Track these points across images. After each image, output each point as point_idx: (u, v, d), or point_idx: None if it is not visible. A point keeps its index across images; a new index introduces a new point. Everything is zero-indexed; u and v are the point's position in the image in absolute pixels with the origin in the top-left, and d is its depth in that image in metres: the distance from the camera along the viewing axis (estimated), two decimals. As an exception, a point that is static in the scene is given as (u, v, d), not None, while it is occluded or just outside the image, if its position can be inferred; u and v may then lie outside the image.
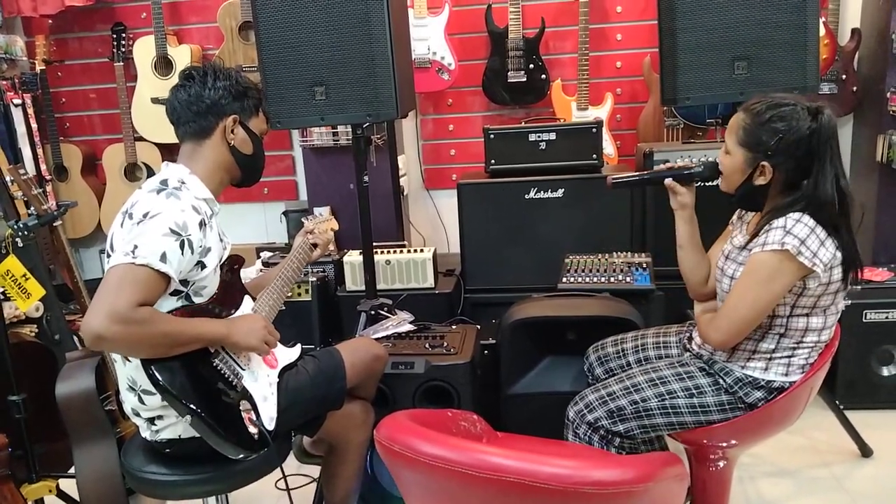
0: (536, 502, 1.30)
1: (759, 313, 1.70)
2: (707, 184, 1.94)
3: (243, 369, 1.73)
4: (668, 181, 1.93)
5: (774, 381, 1.77)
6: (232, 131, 1.77)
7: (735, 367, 1.80)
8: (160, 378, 1.55)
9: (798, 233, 1.64)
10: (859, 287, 2.82)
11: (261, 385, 1.75)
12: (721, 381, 1.81)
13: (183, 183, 1.69)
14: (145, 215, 1.58)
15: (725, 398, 1.80)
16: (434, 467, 1.33)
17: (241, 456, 1.66)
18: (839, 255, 1.68)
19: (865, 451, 2.57)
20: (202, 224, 1.64)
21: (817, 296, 1.71)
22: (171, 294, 1.62)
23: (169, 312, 1.61)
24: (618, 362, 2.08)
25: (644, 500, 1.34)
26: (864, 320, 2.76)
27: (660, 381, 1.84)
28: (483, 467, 1.28)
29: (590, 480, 1.27)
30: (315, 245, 2.13)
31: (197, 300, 1.68)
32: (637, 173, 2.03)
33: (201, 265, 1.65)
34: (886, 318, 2.76)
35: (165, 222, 1.57)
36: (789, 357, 1.77)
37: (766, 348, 1.77)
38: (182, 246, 1.57)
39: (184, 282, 1.63)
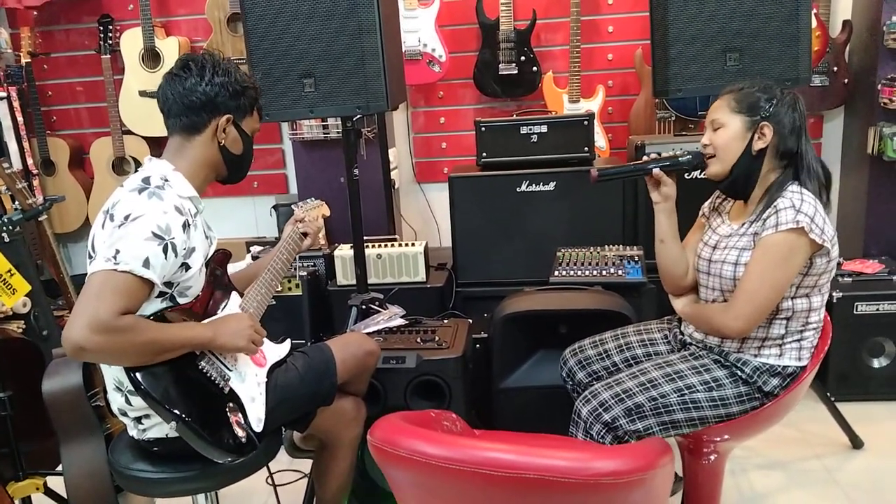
0: (544, 497, 1.29)
1: (779, 294, 1.72)
2: (692, 174, 1.93)
3: (230, 370, 1.70)
4: (655, 171, 1.90)
5: (790, 365, 1.78)
6: (224, 131, 1.71)
7: (749, 356, 1.80)
8: (143, 383, 1.51)
9: (807, 210, 1.68)
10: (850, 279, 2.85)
11: (248, 386, 1.73)
12: (738, 371, 1.80)
13: (166, 181, 1.63)
14: (127, 217, 1.52)
15: (743, 389, 1.79)
16: (435, 467, 1.32)
17: (229, 460, 1.63)
18: (834, 230, 1.73)
19: (856, 443, 2.58)
20: (186, 225, 1.59)
21: (819, 274, 1.74)
22: (157, 296, 1.58)
23: (157, 312, 1.58)
24: (601, 364, 2.03)
25: (649, 487, 1.34)
26: (855, 312, 2.77)
27: (676, 376, 1.81)
28: (498, 465, 1.28)
29: (603, 471, 1.26)
30: (305, 234, 2.09)
31: (182, 301, 1.63)
32: (622, 165, 2.00)
33: (185, 266, 1.60)
34: (877, 309, 2.77)
35: (148, 226, 1.51)
36: (799, 340, 1.79)
37: (777, 334, 1.78)
38: (165, 250, 1.52)
39: (168, 283, 1.59)
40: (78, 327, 1.40)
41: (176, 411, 1.53)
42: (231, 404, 1.66)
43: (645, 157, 1.97)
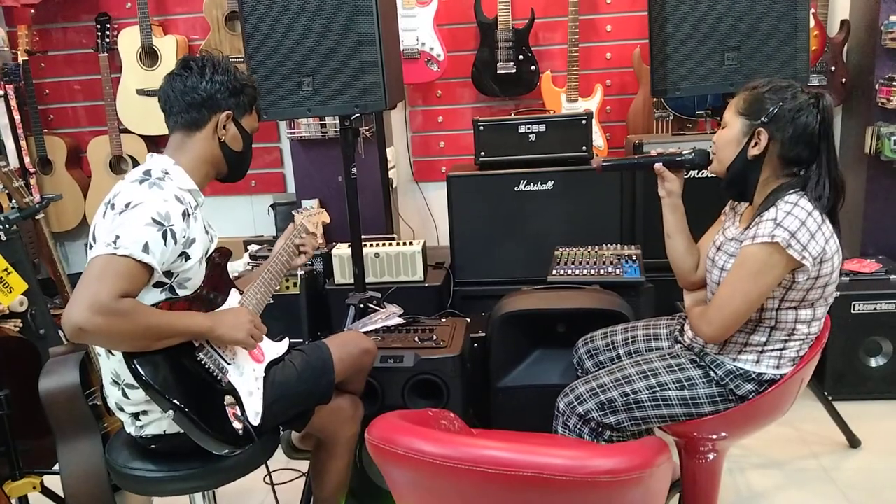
0: (541, 495, 1.29)
1: (750, 306, 1.69)
2: (697, 173, 1.93)
3: (228, 364, 1.71)
4: (657, 166, 1.91)
5: (766, 373, 1.77)
6: (224, 127, 1.74)
7: (726, 359, 1.80)
8: (142, 372, 1.52)
9: (789, 225, 1.62)
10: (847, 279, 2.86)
11: (246, 380, 1.73)
12: (712, 373, 1.80)
13: (167, 173, 1.66)
14: (127, 205, 1.55)
15: (716, 390, 1.80)
16: (433, 465, 1.31)
17: (226, 452, 1.64)
18: (829, 247, 1.66)
19: (854, 442, 2.58)
20: (185, 214, 1.61)
21: (806, 290, 1.69)
22: (155, 286, 1.59)
23: (155, 304, 1.59)
24: (608, 355, 2.07)
25: (647, 485, 1.34)
26: (852, 311, 2.77)
27: (650, 373, 1.84)
28: (496, 463, 1.28)
29: (600, 469, 1.26)
30: (302, 249, 2.08)
31: (181, 292, 1.65)
32: (626, 158, 2.01)
33: (185, 256, 1.62)
34: (874, 309, 2.77)
35: (148, 212, 1.54)
36: (781, 350, 1.77)
37: (758, 341, 1.77)
38: (165, 236, 1.54)
39: (167, 273, 1.60)
40: (78, 309, 1.41)
41: (174, 400, 1.54)
42: (229, 397, 1.67)
43: (651, 152, 1.98)
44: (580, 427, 1.85)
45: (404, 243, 3.04)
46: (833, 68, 3.35)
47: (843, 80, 3.36)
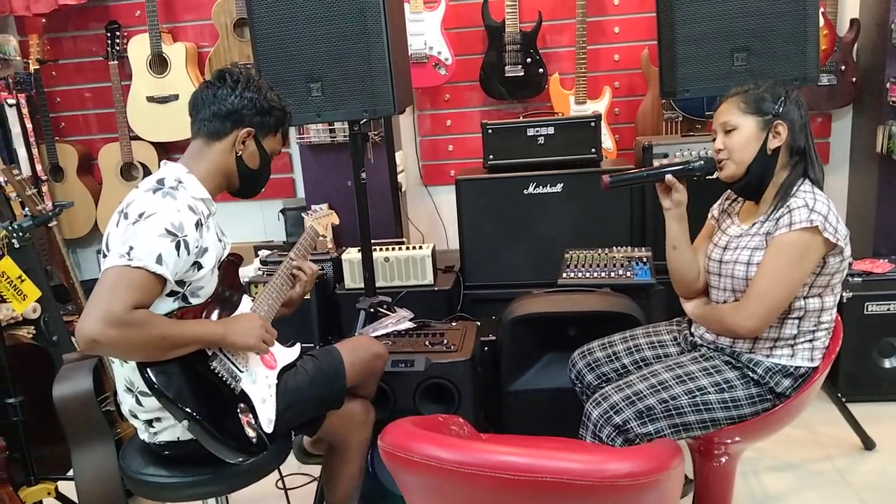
0: (557, 499, 1.29)
1: (792, 293, 1.72)
2: (707, 178, 1.92)
3: (241, 371, 1.71)
4: (668, 177, 1.87)
5: (801, 366, 1.78)
6: (243, 143, 1.75)
7: (761, 356, 1.79)
8: (156, 382, 1.53)
9: (820, 209, 1.69)
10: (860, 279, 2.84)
11: (259, 387, 1.74)
12: (750, 373, 1.79)
13: (180, 182, 1.67)
14: (141, 215, 1.56)
15: (755, 390, 1.78)
16: (449, 472, 1.32)
17: (240, 460, 1.64)
18: (844, 227, 1.73)
19: (868, 444, 2.56)
20: (198, 224, 1.62)
21: (832, 273, 1.73)
22: (168, 295, 1.60)
23: (169, 313, 1.60)
24: (611, 366, 2.02)
25: (663, 488, 1.34)
26: (865, 312, 2.75)
27: (688, 378, 1.79)
28: (513, 469, 1.28)
29: (619, 473, 1.26)
30: (299, 277, 2.03)
31: (194, 301, 1.65)
32: (635, 171, 1.97)
33: (198, 266, 1.63)
34: (888, 309, 2.75)
35: (161, 223, 1.55)
36: (811, 341, 1.78)
37: (789, 334, 1.77)
38: (178, 247, 1.55)
39: (180, 282, 1.60)
40: (92, 321, 1.42)
41: (188, 409, 1.54)
42: (242, 405, 1.67)
43: (655, 162, 1.95)
44: (614, 437, 1.77)
45: (414, 247, 3.04)
46: (843, 67, 3.33)
47: (854, 79, 3.34)
